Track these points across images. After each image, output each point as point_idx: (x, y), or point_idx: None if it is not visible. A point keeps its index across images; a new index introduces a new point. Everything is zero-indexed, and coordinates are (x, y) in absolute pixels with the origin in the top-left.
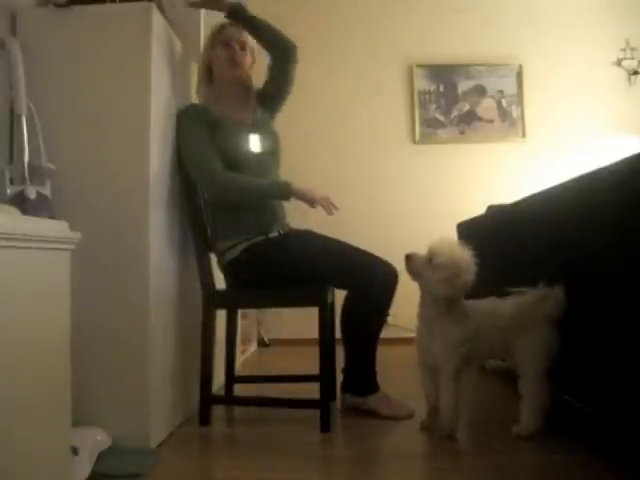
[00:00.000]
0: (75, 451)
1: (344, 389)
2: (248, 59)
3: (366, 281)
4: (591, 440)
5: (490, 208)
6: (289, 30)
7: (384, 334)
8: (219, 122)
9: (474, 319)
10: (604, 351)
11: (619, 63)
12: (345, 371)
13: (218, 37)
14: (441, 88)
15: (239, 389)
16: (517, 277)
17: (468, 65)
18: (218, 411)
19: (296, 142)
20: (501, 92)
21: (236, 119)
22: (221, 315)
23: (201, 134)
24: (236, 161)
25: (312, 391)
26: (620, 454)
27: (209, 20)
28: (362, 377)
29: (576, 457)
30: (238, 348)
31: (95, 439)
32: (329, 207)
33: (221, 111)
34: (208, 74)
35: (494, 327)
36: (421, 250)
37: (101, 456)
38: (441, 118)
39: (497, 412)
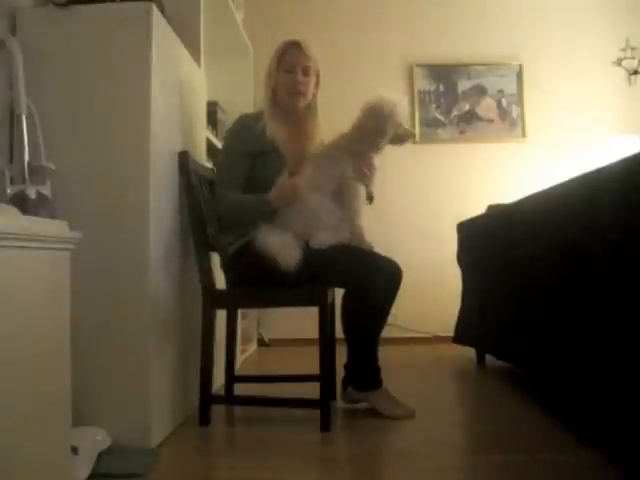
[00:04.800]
0: (75, 451)
1: (346, 383)
2: (311, 85)
3: (369, 280)
4: (591, 440)
5: (490, 208)
6: (289, 30)
7: (384, 334)
8: (268, 148)
9: None
10: (606, 349)
11: (619, 63)
12: (347, 366)
13: (282, 60)
14: (441, 88)
15: (239, 389)
16: (517, 277)
17: (468, 65)
18: (218, 411)
19: None
20: (501, 92)
21: (286, 148)
22: (221, 315)
23: (238, 152)
24: (268, 189)
25: (312, 391)
26: (619, 454)
27: (210, 20)
28: (365, 372)
29: (576, 457)
30: (238, 348)
31: (95, 439)
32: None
33: (275, 135)
34: (273, 94)
35: None
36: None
37: (101, 456)
38: (441, 118)
39: (497, 412)
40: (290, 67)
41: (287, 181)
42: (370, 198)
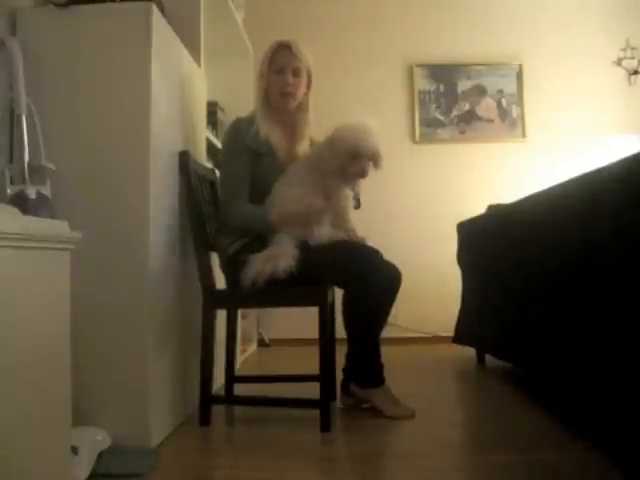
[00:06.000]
0: (75, 451)
1: (345, 387)
2: (302, 85)
3: (366, 281)
4: (591, 440)
5: (490, 208)
6: (289, 30)
7: (384, 334)
8: (264, 150)
9: None
10: (606, 349)
11: (619, 63)
12: (346, 369)
13: (273, 61)
14: (441, 88)
15: (239, 389)
16: (517, 277)
17: (468, 65)
18: (218, 411)
19: None
20: (501, 92)
21: (280, 147)
22: (221, 315)
23: (238, 158)
24: (264, 189)
25: (312, 391)
26: (620, 454)
27: (210, 20)
28: (367, 368)
29: (576, 457)
30: (238, 348)
31: (95, 439)
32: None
33: (268, 135)
34: (265, 94)
35: None
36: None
37: (101, 456)
38: (441, 118)
39: (497, 412)
40: (280, 68)
41: (300, 208)
42: (357, 204)
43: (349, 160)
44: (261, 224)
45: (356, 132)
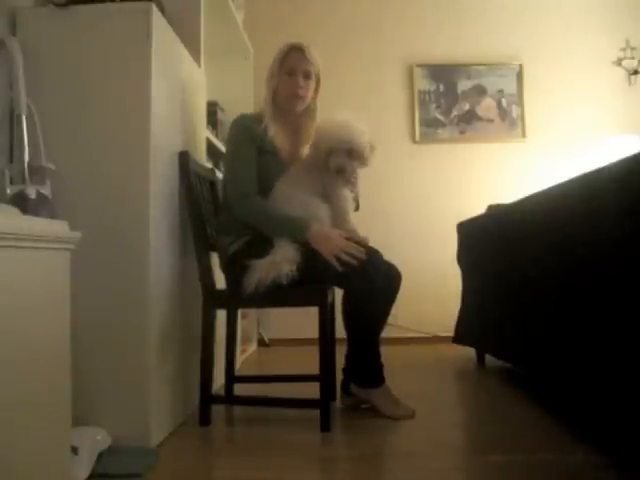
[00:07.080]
0: (75, 451)
1: (345, 387)
2: (311, 89)
3: (366, 282)
4: (591, 440)
5: (490, 208)
6: (289, 30)
7: (384, 334)
8: (268, 148)
9: None
10: (606, 349)
11: (619, 63)
12: (346, 369)
13: (285, 63)
14: (441, 88)
15: (239, 389)
16: (517, 277)
17: (468, 65)
18: (218, 411)
19: None
20: (501, 92)
21: (282, 148)
22: (221, 315)
23: (248, 152)
24: (264, 187)
25: (312, 391)
26: (620, 454)
27: (210, 20)
28: (367, 368)
29: (576, 457)
30: (238, 348)
31: (95, 439)
32: (342, 259)
33: (274, 134)
34: (274, 95)
35: None
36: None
37: (101, 456)
38: (441, 118)
39: (497, 412)
40: (291, 70)
41: (337, 234)
42: (356, 205)
43: (327, 157)
44: (291, 234)
45: (333, 128)
